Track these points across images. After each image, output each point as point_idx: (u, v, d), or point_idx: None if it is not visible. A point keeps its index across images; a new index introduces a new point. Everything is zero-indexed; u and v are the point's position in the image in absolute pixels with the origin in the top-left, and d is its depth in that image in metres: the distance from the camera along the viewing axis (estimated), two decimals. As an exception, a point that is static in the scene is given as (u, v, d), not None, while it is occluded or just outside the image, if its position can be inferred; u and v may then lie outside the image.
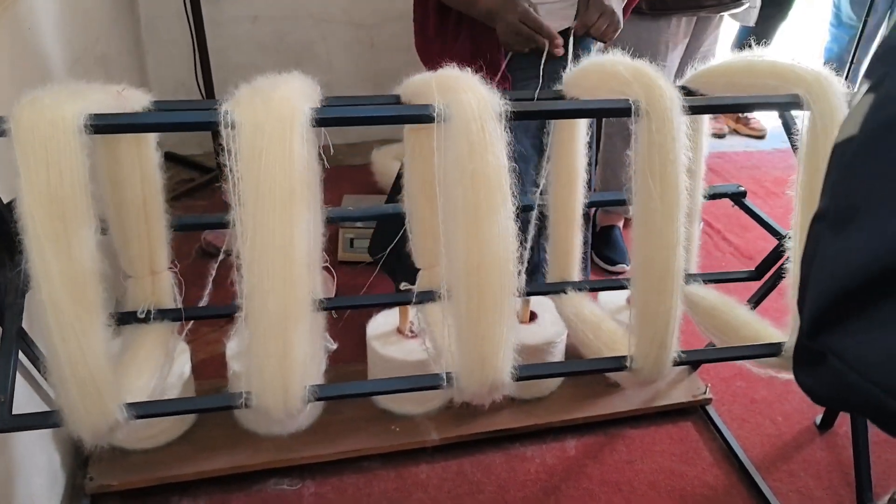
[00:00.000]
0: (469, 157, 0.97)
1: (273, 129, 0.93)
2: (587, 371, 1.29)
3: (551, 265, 1.53)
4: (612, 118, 1.35)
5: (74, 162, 0.91)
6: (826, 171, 0.56)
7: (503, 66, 1.56)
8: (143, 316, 1.24)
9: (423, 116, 1.02)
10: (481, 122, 0.97)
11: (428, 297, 1.34)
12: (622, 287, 1.56)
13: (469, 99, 0.98)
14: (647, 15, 2.07)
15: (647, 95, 1.06)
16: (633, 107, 1.06)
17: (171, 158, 2.81)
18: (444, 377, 1.07)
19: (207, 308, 1.31)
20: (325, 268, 1.22)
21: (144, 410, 1.08)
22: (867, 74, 0.54)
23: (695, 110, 1.10)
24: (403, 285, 1.37)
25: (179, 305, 1.29)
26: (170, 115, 1.10)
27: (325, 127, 1.01)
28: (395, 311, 1.73)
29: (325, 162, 1.08)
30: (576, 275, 1.52)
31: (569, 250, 1.49)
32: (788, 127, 1.29)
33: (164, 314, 1.26)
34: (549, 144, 1.39)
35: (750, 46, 1.28)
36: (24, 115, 0.90)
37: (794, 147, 1.22)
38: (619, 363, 1.20)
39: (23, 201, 0.90)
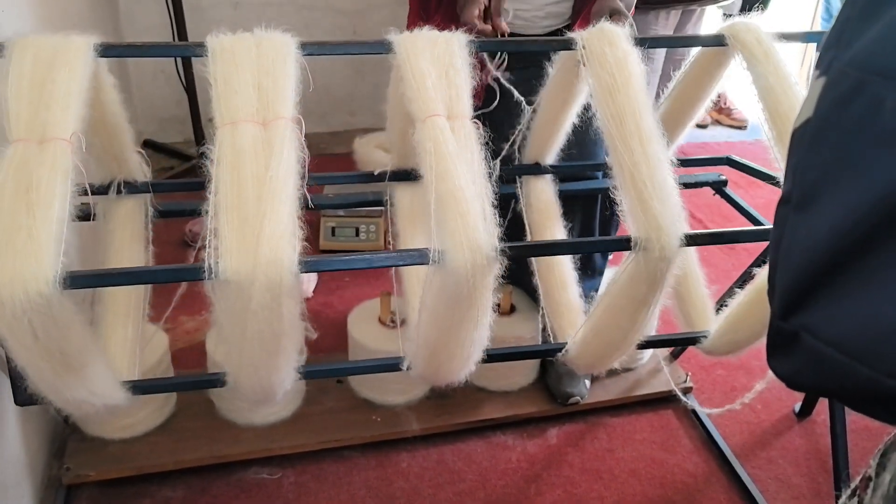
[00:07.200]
0: None
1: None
2: (593, 247, 1.21)
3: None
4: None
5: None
6: (787, 156, 0.57)
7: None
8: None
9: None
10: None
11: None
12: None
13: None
14: (637, 9, 2.10)
15: (588, 35, 1.15)
16: (575, 42, 1.14)
17: (150, 146, 2.78)
18: (432, 254, 0.98)
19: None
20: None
21: (85, 278, 0.92)
22: (818, 63, 0.56)
23: (635, 42, 1.16)
24: None
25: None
26: (163, 48, 1.15)
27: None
28: (377, 301, 1.72)
29: (308, 151, 1.06)
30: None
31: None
32: None
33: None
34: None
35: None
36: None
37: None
38: (626, 243, 1.08)
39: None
